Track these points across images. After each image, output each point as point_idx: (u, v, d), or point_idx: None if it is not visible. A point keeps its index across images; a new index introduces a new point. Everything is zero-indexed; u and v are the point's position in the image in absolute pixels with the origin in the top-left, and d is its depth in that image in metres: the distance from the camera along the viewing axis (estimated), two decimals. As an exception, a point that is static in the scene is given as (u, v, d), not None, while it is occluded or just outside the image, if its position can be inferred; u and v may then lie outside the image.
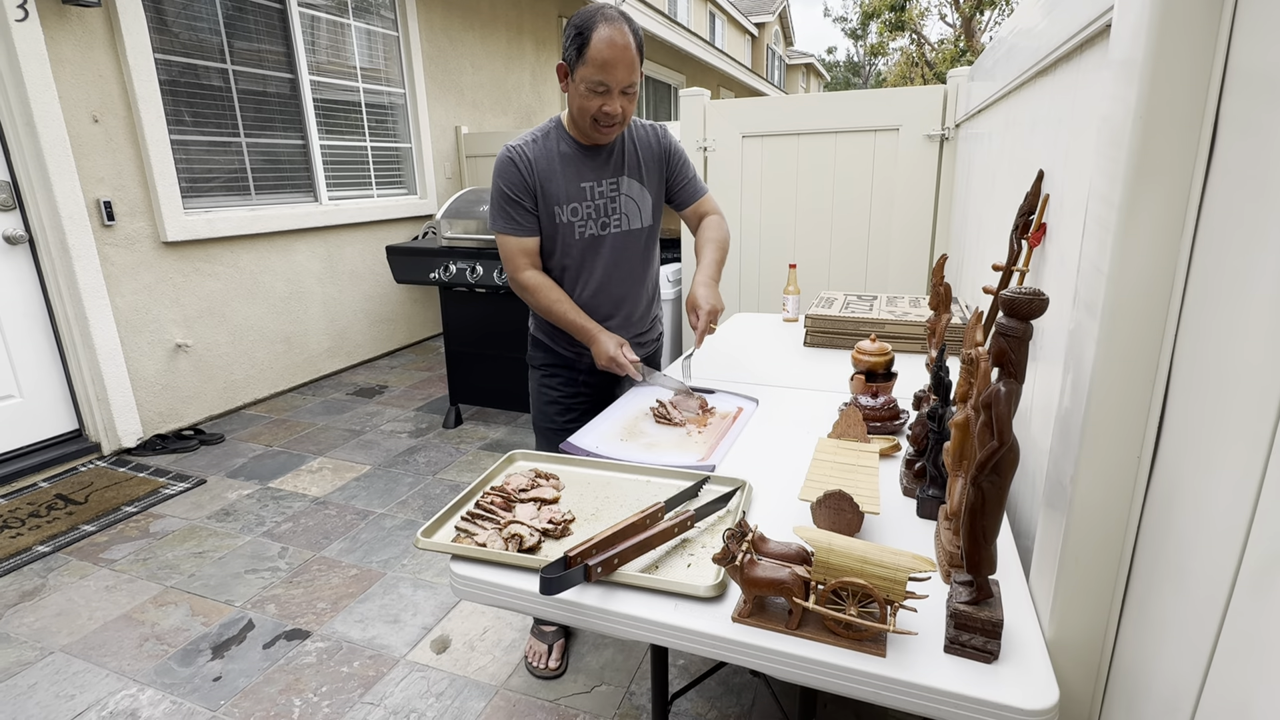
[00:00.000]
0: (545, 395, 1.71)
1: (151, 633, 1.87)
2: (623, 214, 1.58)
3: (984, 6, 14.41)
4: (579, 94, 1.40)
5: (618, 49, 1.34)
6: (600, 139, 1.49)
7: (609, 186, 1.55)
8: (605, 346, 1.49)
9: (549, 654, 1.70)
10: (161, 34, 3.17)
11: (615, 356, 1.47)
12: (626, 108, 1.43)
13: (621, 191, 1.57)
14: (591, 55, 1.35)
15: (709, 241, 1.62)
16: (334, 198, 4.16)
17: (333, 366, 4.20)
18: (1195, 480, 0.54)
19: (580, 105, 1.41)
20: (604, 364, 1.50)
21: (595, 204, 1.54)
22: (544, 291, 1.54)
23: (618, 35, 1.34)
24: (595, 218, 1.55)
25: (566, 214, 1.53)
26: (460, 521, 0.96)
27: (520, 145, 1.50)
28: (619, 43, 1.34)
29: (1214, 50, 0.53)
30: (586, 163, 1.53)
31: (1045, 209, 1.05)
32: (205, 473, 2.86)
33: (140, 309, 3.14)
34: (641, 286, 1.69)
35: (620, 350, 1.48)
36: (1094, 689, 0.71)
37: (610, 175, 1.55)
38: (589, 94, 1.39)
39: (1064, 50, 0.97)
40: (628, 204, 1.58)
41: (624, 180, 1.57)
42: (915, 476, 1.01)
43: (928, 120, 2.83)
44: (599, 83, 1.37)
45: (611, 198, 1.56)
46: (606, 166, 1.55)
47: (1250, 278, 0.48)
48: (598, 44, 1.34)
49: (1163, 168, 0.56)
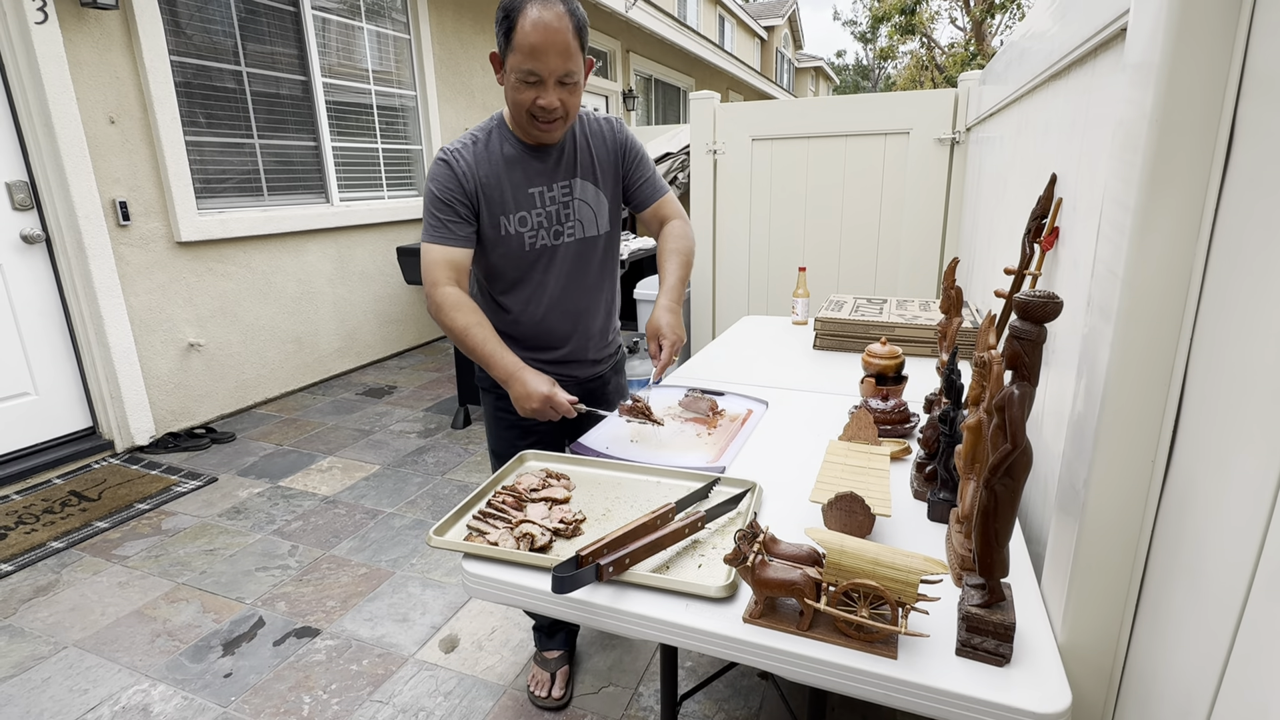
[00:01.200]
0: (501, 420, 1.50)
1: (163, 629, 1.88)
2: (576, 220, 1.40)
3: (995, 10, 14.36)
4: (511, 86, 1.23)
5: (548, 31, 1.15)
6: (543, 138, 1.30)
7: (561, 191, 1.37)
8: (532, 390, 1.22)
9: (552, 682, 1.61)
10: (177, 36, 3.20)
11: (550, 396, 1.22)
12: (567, 100, 1.24)
13: (575, 196, 1.39)
14: (519, 41, 1.17)
15: (671, 254, 1.42)
16: (345, 199, 4.19)
17: (343, 366, 4.23)
18: (1211, 484, 0.54)
19: (514, 99, 1.24)
20: (530, 409, 1.23)
21: (546, 211, 1.36)
22: (461, 312, 1.28)
23: (548, 15, 1.15)
24: (547, 226, 1.37)
25: (514, 224, 1.34)
26: (472, 520, 0.97)
27: (458, 149, 1.32)
28: (549, 24, 1.15)
29: (1231, 53, 0.53)
30: (534, 165, 1.34)
31: (1058, 213, 1.05)
32: (216, 471, 2.88)
33: (154, 308, 3.17)
34: (600, 299, 1.49)
35: (554, 391, 1.23)
36: (1106, 693, 0.71)
37: (561, 178, 1.37)
38: (520, 85, 1.21)
39: (1078, 54, 0.97)
40: (582, 209, 1.40)
41: (577, 183, 1.39)
42: (926, 480, 1.01)
43: (938, 124, 2.82)
44: (529, 72, 1.19)
45: (564, 203, 1.38)
46: (557, 169, 1.37)
47: (1267, 280, 0.48)
48: (525, 27, 1.15)
49: (1179, 171, 0.56)
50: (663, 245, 1.45)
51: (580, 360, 1.50)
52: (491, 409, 1.52)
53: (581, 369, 1.51)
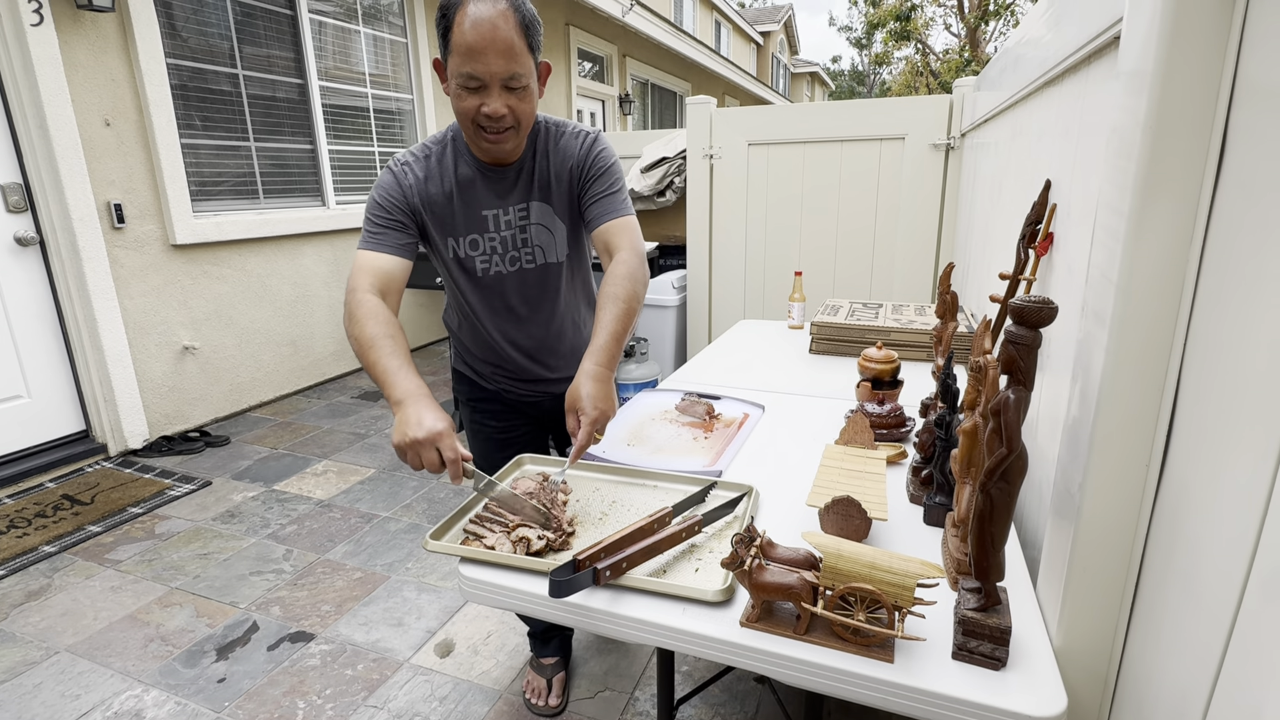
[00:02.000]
0: (480, 431, 1.47)
1: (156, 633, 1.87)
2: (534, 246, 1.27)
3: (989, 17, 14.46)
4: (453, 94, 1.11)
5: (488, 27, 1.03)
6: (494, 151, 1.16)
7: (518, 214, 1.25)
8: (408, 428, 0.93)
9: (549, 690, 1.60)
10: (173, 39, 3.20)
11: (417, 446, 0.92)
12: (516, 107, 1.11)
13: (531, 220, 1.26)
14: (456, 41, 1.05)
15: (610, 301, 1.13)
16: (341, 202, 4.19)
17: (338, 370, 4.22)
18: (1205, 487, 0.54)
19: (458, 109, 1.12)
20: (396, 445, 0.95)
21: (501, 236, 1.25)
22: (367, 324, 1.06)
23: (486, 11, 1.03)
24: (502, 253, 1.26)
25: (464, 247, 1.24)
26: (468, 524, 0.97)
27: (409, 162, 1.22)
28: (489, 20, 1.03)
29: (1223, 61, 0.54)
30: (489, 185, 1.23)
31: (1053, 218, 1.06)
32: (211, 474, 2.87)
33: (148, 311, 3.16)
34: (568, 320, 1.38)
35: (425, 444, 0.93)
36: (1102, 696, 0.71)
37: (518, 200, 1.24)
38: (462, 92, 1.09)
39: (1072, 61, 0.98)
40: (539, 234, 1.27)
41: (534, 206, 1.25)
42: (922, 484, 1.02)
43: (933, 129, 2.84)
44: (469, 76, 1.06)
45: (521, 228, 1.26)
46: (513, 189, 1.24)
47: (1259, 286, 0.48)
48: (462, 26, 1.04)
49: (1172, 177, 0.57)
50: (603, 288, 1.16)
51: (560, 378, 1.42)
52: (469, 420, 1.49)
53: (559, 386, 1.42)
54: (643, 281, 1.18)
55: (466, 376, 1.47)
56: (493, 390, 1.45)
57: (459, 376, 1.50)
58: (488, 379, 1.45)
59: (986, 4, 14.25)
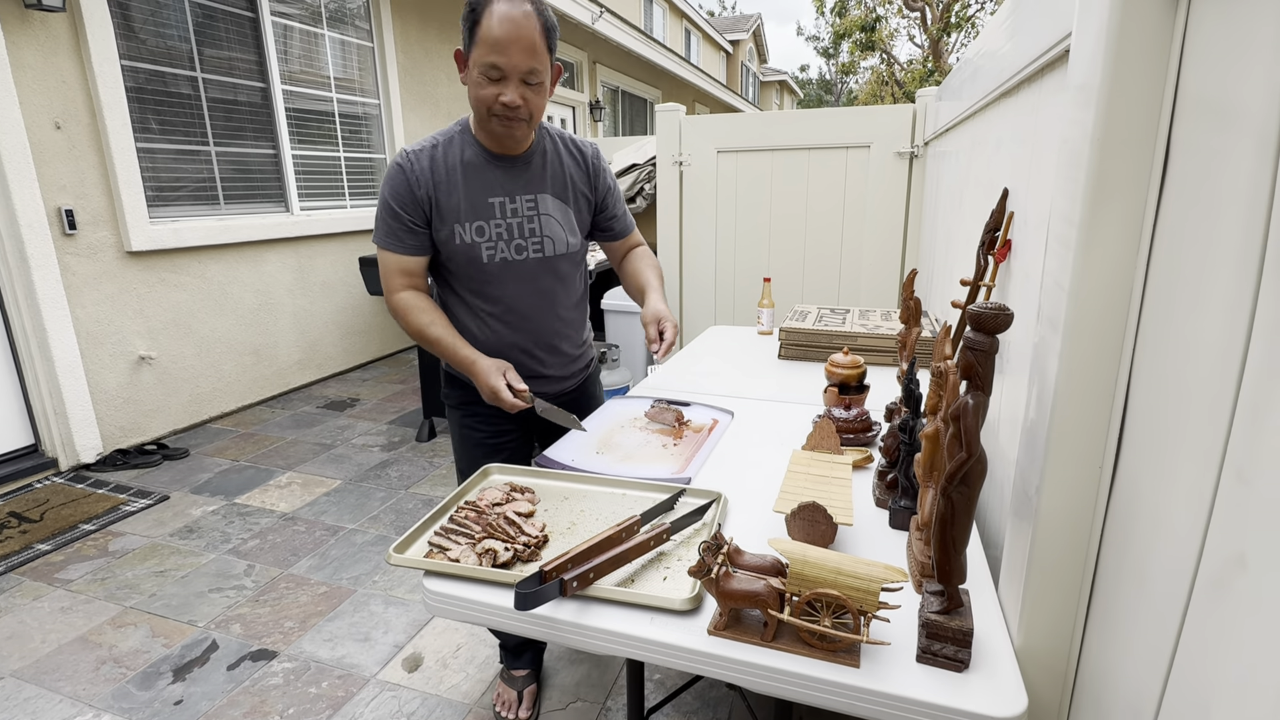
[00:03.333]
0: (469, 437, 1.48)
1: (109, 655, 1.80)
2: (544, 236, 1.36)
3: (950, 29, 14.84)
4: (473, 82, 1.21)
5: (514, 26, 1.15)
6: (505, 139, 1.27)
7: (526, 204, 1.34)
8: (486, 378, 1.26)
9: (519, 702, 1.59)
10: (128, 40, 3.11)
11: (497, 389, 1.25)
12: (531, 100, 1.23)
13: (540, 211, 1.35)
14: (483, 34, 1.16)
15: (651, 268, 1.50)
16: (306, 208, 4.11)
17: (303, 379, 4.13)
18: (1154, 488, 0.56)
19: (476, 95, 1.22)
20: (488, 399, 1.28)
21: (507, 223, 1.33)
22: (416, 314, 1.32)
23: (515, 11, 1.16)
24: (508, 239, 1.33)
25: (470, 233, 1.31)
26: (433, 537, 0.95)
27: (415, 151, 1.30)
28: (516, 19, 1.15)
29: (1165, 77, 0.55)
30: (496, 174, 1.31)
31: (1010, 226, 1.09)
32: (168, 489, 2.78)
33: (102, 320, 3.05)
34: (569, 316, 1.47)
35: (503, 378, 1.26)
36: (1061, 695, 0.72)
37: (527, 191, 1.34)
38: (483, 80, 1.19)
39: (1026, 73, 1.01)
40: (549, 224, 1.36)
41: (546, 199, 1.36)
42: (887, 488, 1.03)
43: (898, 138, 2.89)
44: (492, 66, 1.17)
45: (529, 217, 1.34)
46: (520, 180, 1.33)
47: (1202, 294, 0.50)
48: (490, 20, 1.15)
49: (1119, 188, 0.58)
50: (637, 263, 1.51)
51: (553, 376, 1.47)
52: (458, 426, 1.49)
53: (552, 384, 1.48)
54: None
55: (460, 380, 1.46)
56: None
57: (451, 380, 1.48)
58: None
59: (948, 16, 14.63)
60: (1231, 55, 0.47)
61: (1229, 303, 0.46)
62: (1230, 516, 0.45)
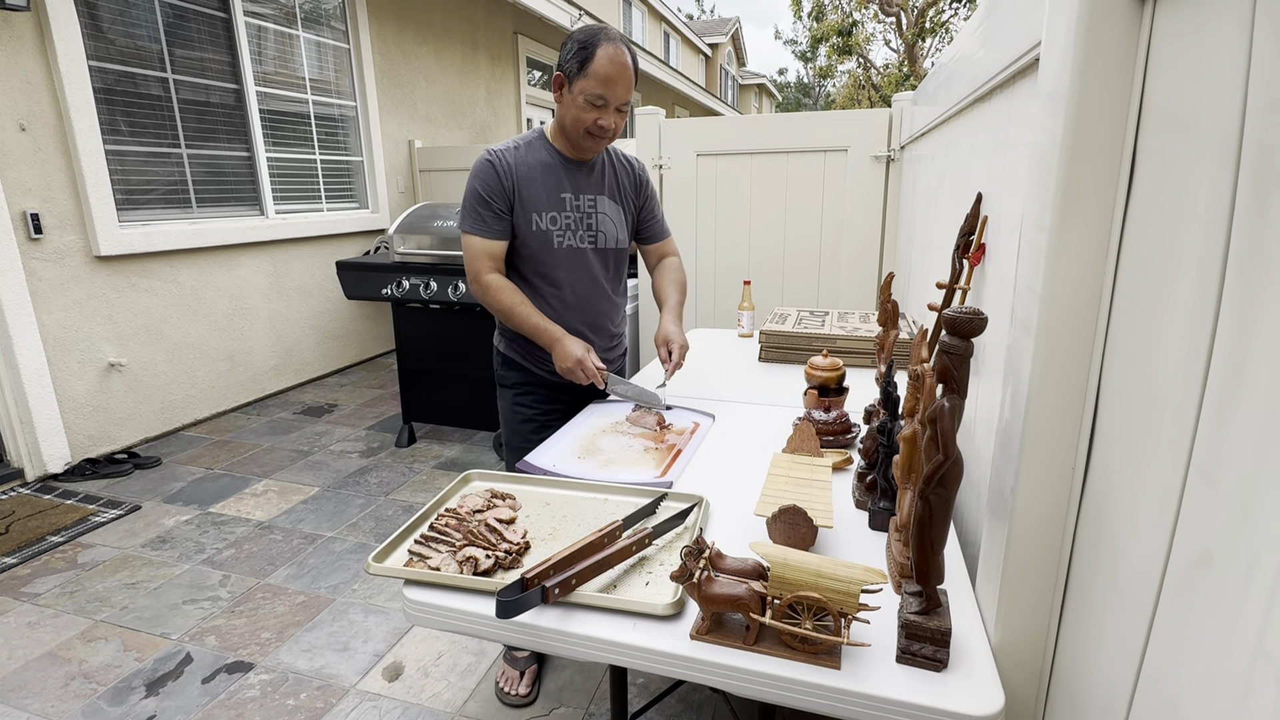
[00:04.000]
0: (519, 414, 1.66)
1: (79, 670, 1.75)
2: (599, 230, 1.59)
3: (925, 34, 15.06)
4: (576, 105, 1.43)
5: (620, 67, 1.40)
6: (589, 151, 1.52)
7: (587, 202, 1.56)
8: (571, 350, 1.45)
9: (520, 679, 1.66)
10: (96, 40, 3.04)
11: (582, 359, 1.44)
12: (618, 123, 1.47)
13: (599, 210, 1.58)
14: (595, 69, 1.39)
15: (672, 283, 1.68)
16: (281, 211, 4.05)
17: (279, 385, 4.06)
18: (1124, 487, 0.57)
19: (576, 116, 1.44)
20: (568, 367, 1.46)
21: (574, 216, 1.55)
22: (505, 293, 1.51)
23: (620, 55, 1.40)
24: (574, 230, 1.55)
25: (545, 221, 1.52)
26: (413, 545, 0.94)
27: (501, 150, 1.51)
28: (623, 62, 1.40)
29: (1131, 87, 0.57)
30: (567, 175, 1.54)
31: (984, 230, 1.10)
32: (140, 498, 2.72)
33: (70, 327, 2.98)
34: (614, 303, 1.70)
35: (587, 355, 1.45)
36: (1037, 692, 0.74)
37: (589, 192, 1.57)
38: (587, 106, 1.42)
39: (999, 79, 1.03)
40: (604, 222, 1.59)
41: (602, 199, 1.59)
42: (867, 489, 1.04)
43: (874, 142, 2.93)
44: (599, 96, 1.41)
45: (588, 213, 1.57)
46: (587, 182, 1.56)
47: (1168, 297, 0.51)
48: (602, 60, 1.38)
49: (1088, 194, 0.60)
50: (664, 275, 1.71)
51: (603, 357, 1.63)
52: (509, 404, 1.68)
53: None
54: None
55: (516, 363, 1.66)
56: (541, 376, 1.64)
57: (508, 363, 1.68)
58: (540, 363, 1.62)
59: (923, 21, 14.84)
60: (1194, 67, 0.49)
61: (1194, 306, 0.47)
62: (1197, 514, 0.46)
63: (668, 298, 1.66)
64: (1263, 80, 0.40)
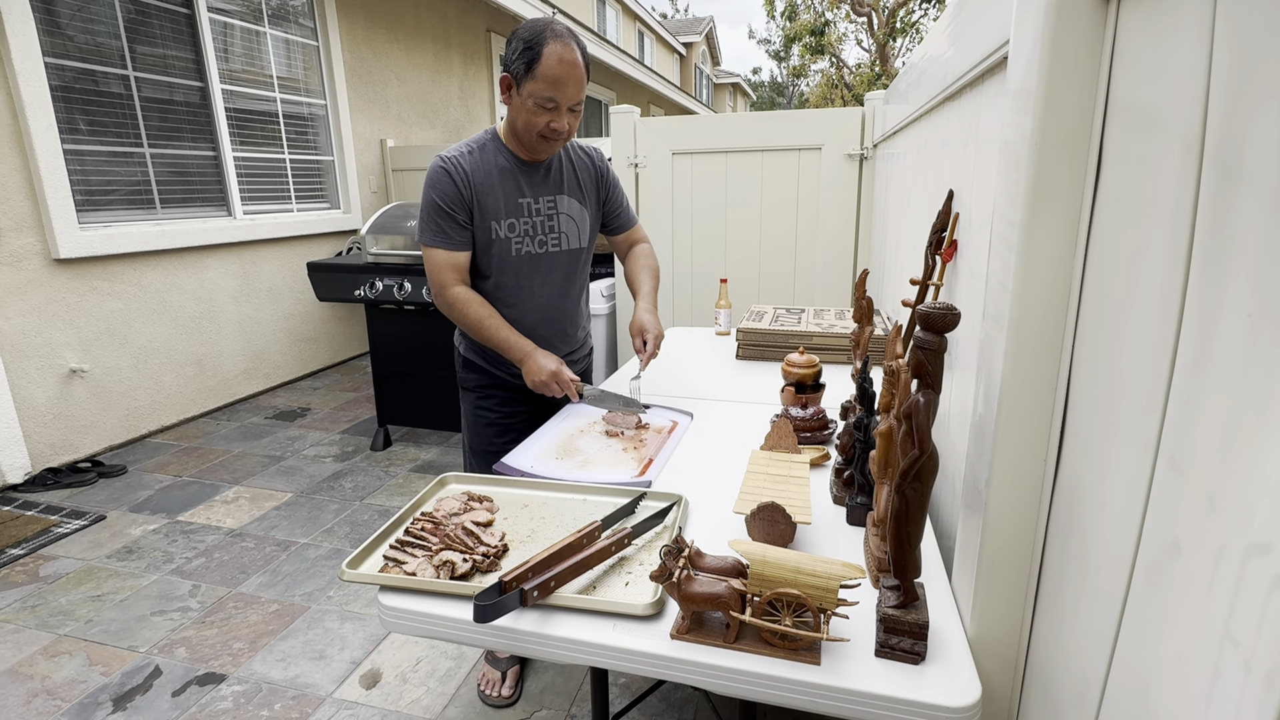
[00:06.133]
0: (482, 418, 1.63)
1: (41, 687, 1.70)
2: (561, 233, 1.54)
3: (896, 34, 15.25)
4: (526, 109, 1.37)
5: (569, 66, 1.33)
6: (544, 153, 1.47)
7: (546, 204, 1.52)
8: (543, 364, 1.42)
9: (502, 681, 1.64)
10: (53, 37, 2.95)
11: (556, 373, 1.41)
12: (572, 124, 1.42)
13: (560, 210, 1.54)
14: (542, 71, 1.32)
15: (645, 269, 1.66)
16: (249, 212, 3.97)
17: (249, 389, 3.98)
18: (1094, 479, 0.58)
19: (527, 120, 1.38)
20: (540, 382, 1.42)
21: (532, 221, 1.51)
22: (473, 307, 1.47)
23: (569, 53, 1.33)
24: (532, 235, 1.51)
25: (504, 230, 1.48)
26: (389, 550, 0.92)
27: (456, 156, 1.44)
28: (570, 60, 1.33)
29: (1096, 85, 0.58)
30: (524, 178, 1.49)
31: (956, 226, 1.12)
32: (104, 508, 2.64)
33: (28, 332, 2.88)
34: (577, 306, 1.67)
35: (560, 368, 1.43)
36: (1013, 682, 0.75)
37: (548, 193, 1.52)
38: (538, 109, 1.37)
39: (969, 78, 1.04)
40: (566, 223, 1.55)
41: (562, 199, 1.54)
42: (844, 485, 1.05)
43: (848, 140, 2.95)
44: (549, 99, 1.35)
45: (549, 215, 1.52)
46: (545, 183, 1.52)
47: (1134, 292, 0.52)
48: (549, 60, 1.32)
49: (1057, 191, 0.61)
50: (636, 262, 1.68)
51: (568, 360, 1.62)
52: (471, 407, 1.65)
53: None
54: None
55: (478, 366, 1.64)
56: (503, 378, 1.62)
57: (467, 364, 1.65)
58: (501, 366, 1.60)
59: (894, 22, 15.03)
60: (1157, 65, 0.50)
61: (1160, 300, 0.48)
62: (1165, 504, 0.47)
63: (641, 285, 1.63)
64: (1224, 77, 0.41)
